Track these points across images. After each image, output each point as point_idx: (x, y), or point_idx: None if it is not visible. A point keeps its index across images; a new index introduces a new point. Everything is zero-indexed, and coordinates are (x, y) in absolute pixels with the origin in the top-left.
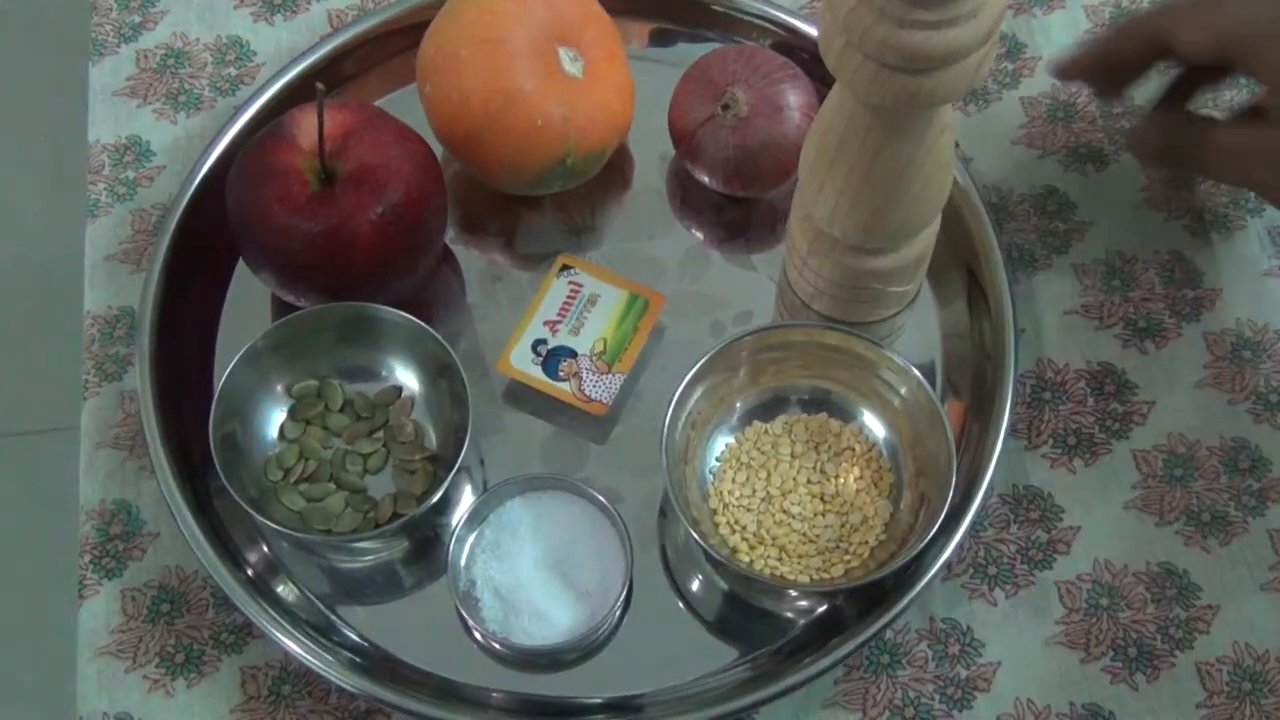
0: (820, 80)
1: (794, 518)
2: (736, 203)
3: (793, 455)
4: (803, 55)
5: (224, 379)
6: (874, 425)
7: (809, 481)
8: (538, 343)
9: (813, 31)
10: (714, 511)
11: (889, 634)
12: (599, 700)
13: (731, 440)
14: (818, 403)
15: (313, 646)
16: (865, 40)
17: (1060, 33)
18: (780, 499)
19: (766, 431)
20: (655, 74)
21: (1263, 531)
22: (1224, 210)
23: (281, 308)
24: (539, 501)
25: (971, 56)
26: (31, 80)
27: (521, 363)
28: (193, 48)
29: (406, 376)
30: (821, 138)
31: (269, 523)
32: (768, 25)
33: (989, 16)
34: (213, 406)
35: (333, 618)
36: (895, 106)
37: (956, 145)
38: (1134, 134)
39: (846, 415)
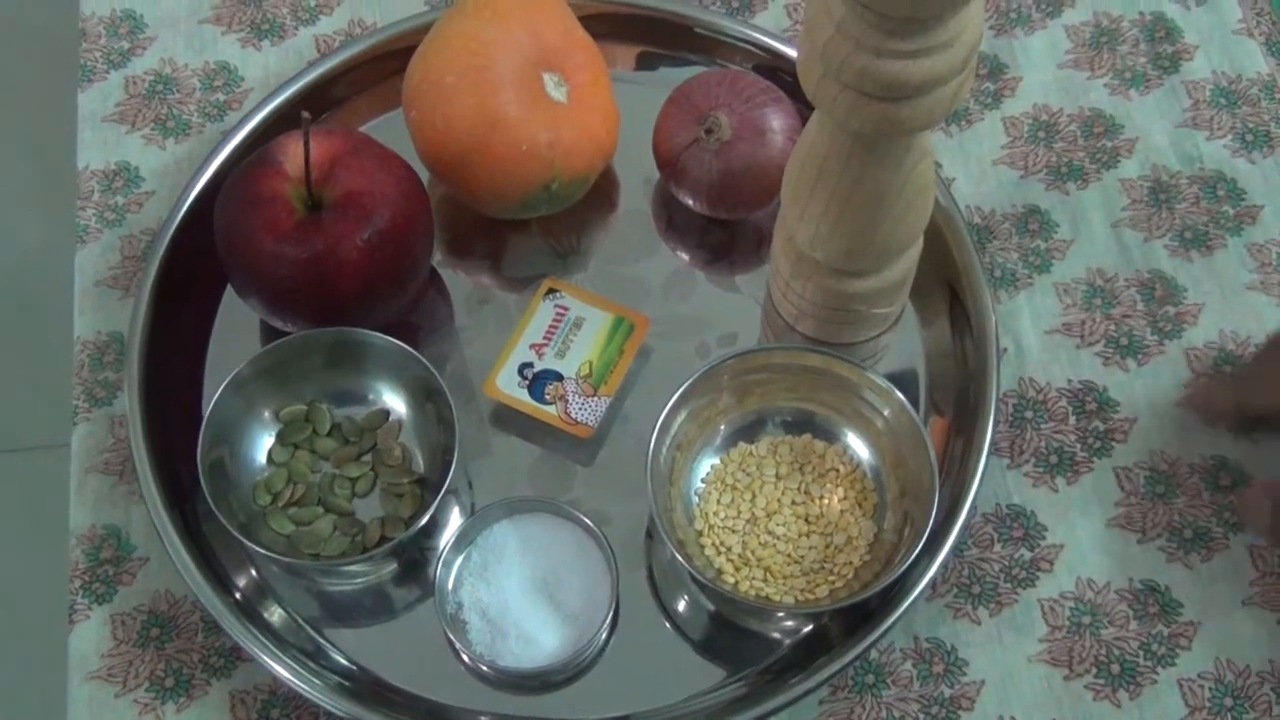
0: (803, 103)
1: (779, 539)
2: (721, 225)
3: (777, 476)
4: (785, 78)
5: (212, 404)
6: (857, 446)
7: (793, 503)
8: (524, 366)
9: (794, 54)
10: (699, 533)
11: (874, 654)
12: None
13: (716, 462)
14: (802, 424)
15: (301, 670)
16: (843, 70)
17: (1042, 54)
18: (765, 520)
19: (751, 453)
20: (640, 98)
21: (1243, 548)
22: (1203, 228)
23: (269, 333)
24: (526, 524)
25: (949, 84)
26: (21, 105)
27: (508, 386)
28: (181, 74)
29: (394, 400)
30: (803, 163)
31: (258, 547)
32: (751, 49)
33: (965, 45)
34: (201, 432)
35: (321, 641)
36: (874, 133)
37: (938, 165)
38: (1245, 502)
39: (830, 436)
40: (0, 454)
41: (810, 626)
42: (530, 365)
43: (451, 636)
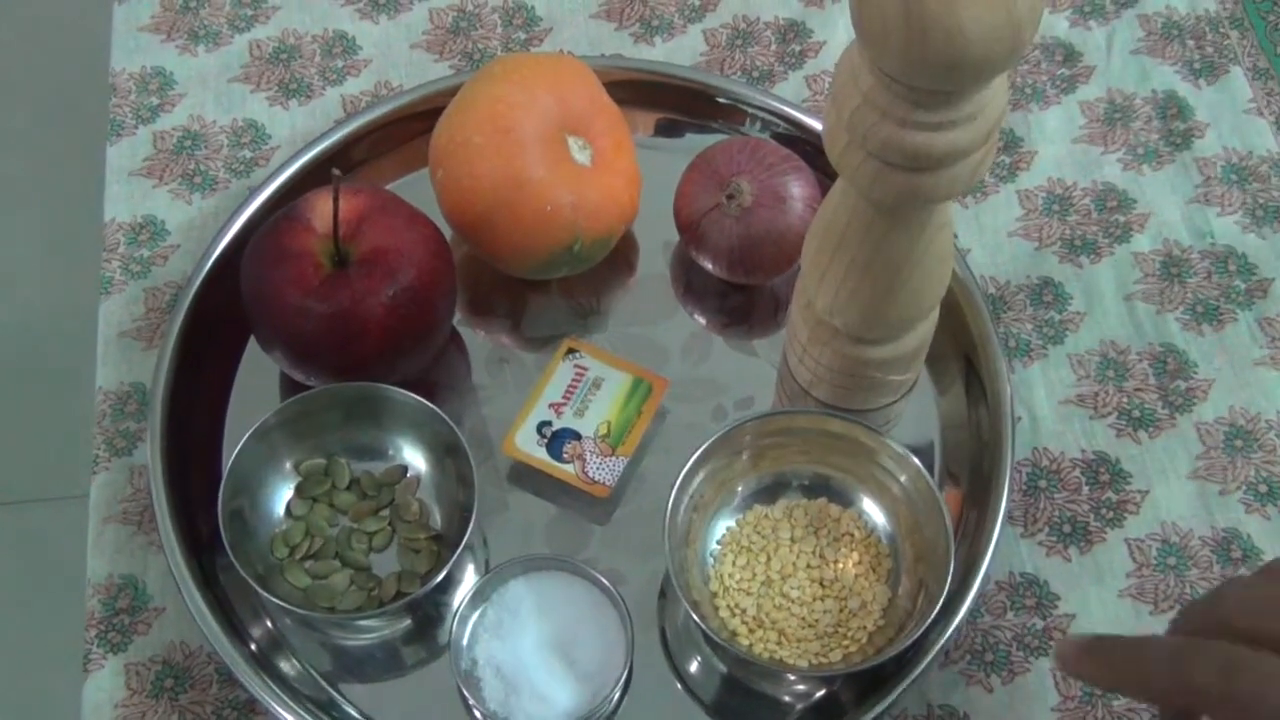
0: (823, 172)
1: (793, 602)
2: (739, 289)
3: (792, 540)
4: (806, 147)
5: (235, 453)
6: (873, 511)
7: (808, 566)
8: (543, 424)
9: (815, 125)
10: (714, 594)
11: None
12: None
13: (732, 524)
14: (818, 488)
15: None
16: (869, 139)
17: (1056, 129)
18: (780, 583)
19: (767, 515)
20: (661, 163)
21: None
22: (1215, 302)
23: (290, 386)
24: (541, 582)
25: (971, 156)
26: (49, 158)
27: (526, 444)
28: (209, 130)
29: (413, 456)
30: (824, 230)
31: (274, 599)
32: (772, 118)
33: (988, 119)
34: (222, 483)
35: (335, 694)
36: (896, 203)
37: (955, 237)
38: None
39: (846, 501)
40: (18, 505)
41: (823, 691)
42: (549, 424)
43: (465, 693)
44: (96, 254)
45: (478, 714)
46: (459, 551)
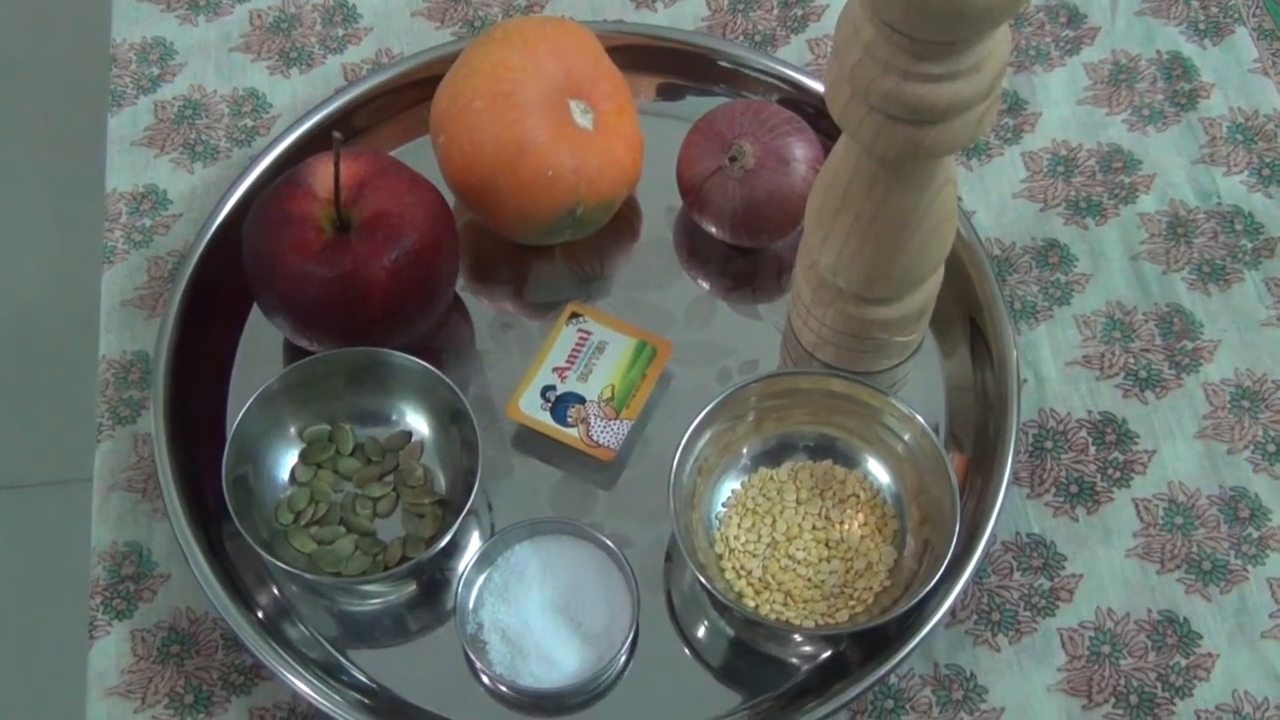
0: (825, 134)
1: (799, 563)
2: (743, 253)
3: (798, 501)
4: (808, 110)
5: (237, 422)
6: (878, 472)
7: (814, 527)
8: (547, 389)
9: (817, 88)
10: (720, 556)
11: (893, 679)
12: None
13: (738, 486)
14: (823, 449)
15: (321, 688)
16: (871, 92)
17: (1061, 90)
18: (786, 544)
19: (772, 478)
20: (664, 127)
21: (1262, 580)
22: (1221, 262)
23: (293, 353)
24: (547, 545)
25: (974, 109)
26: (50, 130)
27: (531, 408)
28: (210, 99)
29: (417, 421)
30: (827, 188)
31: (280, 564)
32: (774, 81)
33: (991, 71)
34: (226, 449)
35: (341, 659)
36: (899, 157)
37: (959, 199)
38: None
39: (851, 462)
40: (26, 488)
41: (829, 652)
42: (553, 388)
43: (472, 656)
44: (98, 224)
45: (484, 677)
46: (463, 516)
